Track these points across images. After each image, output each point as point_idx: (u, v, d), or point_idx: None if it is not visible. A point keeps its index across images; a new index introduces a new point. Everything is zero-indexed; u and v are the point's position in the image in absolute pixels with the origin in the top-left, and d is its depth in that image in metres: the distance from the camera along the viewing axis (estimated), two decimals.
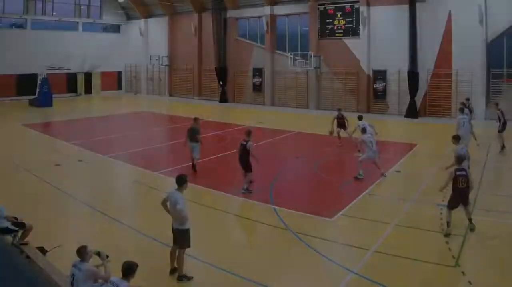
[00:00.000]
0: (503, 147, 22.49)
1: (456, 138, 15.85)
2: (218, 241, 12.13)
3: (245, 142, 16.12)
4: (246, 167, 16.19)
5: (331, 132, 24.06)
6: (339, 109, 25.65)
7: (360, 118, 22.00)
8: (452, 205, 12.30)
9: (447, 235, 11.93)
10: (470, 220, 12.33)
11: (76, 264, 7.87)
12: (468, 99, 28.35)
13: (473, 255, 11.09)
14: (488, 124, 29.12)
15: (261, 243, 12.39)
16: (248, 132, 16.57)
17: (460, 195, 12.22)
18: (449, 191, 12.73)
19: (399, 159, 21.42)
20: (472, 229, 12.17)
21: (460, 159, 12.89)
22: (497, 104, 25.10)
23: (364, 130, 18.91)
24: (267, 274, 10.04)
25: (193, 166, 18.94)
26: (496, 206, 14.11)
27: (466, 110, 23.05)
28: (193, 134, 18.89)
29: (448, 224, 12.14)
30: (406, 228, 12.67)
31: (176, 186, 10.04)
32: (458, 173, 12.23)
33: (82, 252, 7.98)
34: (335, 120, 24.88)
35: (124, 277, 7.45)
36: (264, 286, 9.50)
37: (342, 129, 24.84)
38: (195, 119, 19.74)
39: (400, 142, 26.37)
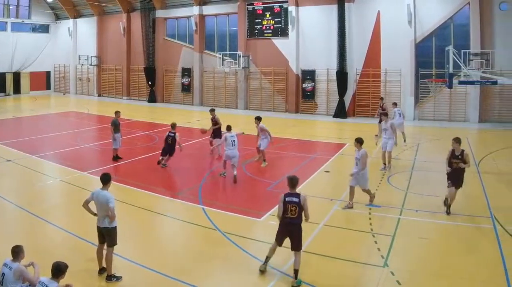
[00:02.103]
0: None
1: (360, 142, 13.23)
2: (146, 241, 11.09)
3: (173, 134, 17.65)
4: (171, 152, 17.67)
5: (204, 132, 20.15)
6: (212, 110, 20.94)
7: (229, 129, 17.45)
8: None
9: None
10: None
11: (7, 263, 7.25)
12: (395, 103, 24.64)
13: (402, 255, 10.05)
14: (417, 124, 28.71)
15: (190, 243, 11.12)
16: (173, 125, 18.29)
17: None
18: None
19: (328, 159, 19.69)
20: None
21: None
22: (382, 98, 26.32)
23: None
24: (196, 274, 9.22)
25: (116, 155, 18.94)
26: (424, 206, 13.06)
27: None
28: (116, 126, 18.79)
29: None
30: (335, 228, 11.67)
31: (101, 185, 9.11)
32: None
33: (16, 252, 7.32)
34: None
35: (54, 277, 6.79)
36: (193, 286, 8.68)
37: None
38: (116, 112, 19.49)
39: (329, 142, 24.23)
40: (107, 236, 8.80)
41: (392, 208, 12.98)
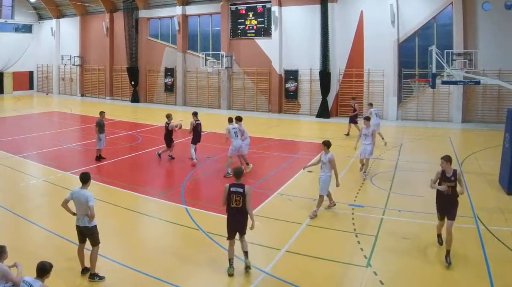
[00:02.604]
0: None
1: (327, 145, 12.26)
2: (129, 241, 10.71)
3: (167, 124, 17.97)
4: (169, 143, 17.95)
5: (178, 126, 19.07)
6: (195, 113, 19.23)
7: (230, 120, 16.95)
8: None
9: None
10: None
11: None
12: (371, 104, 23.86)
13: (385, 255, 9.70)
14: (400, 124, 28.04)
15: (173, 243, 10.72)
16: (168, 115, 18.53)
17: None
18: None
19: (311, 159, 17.91)
20: None
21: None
22: (353, 98, 26.18)
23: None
24: (180, 274, 8.89)
25: (99, 155, 18.42)
26: (407, 206, 12.67)
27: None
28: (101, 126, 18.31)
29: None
30: (318, 228, 11.26)
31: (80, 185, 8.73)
32: None
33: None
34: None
35: (39, 277, 6.56)
36: (176, 286, 8.33)
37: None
38: (101, 113, 18.86)
39: (312, 142, 23.06)
40: (88, 235, 8.57)
41: (375, 208, 12.61)
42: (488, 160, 18.21)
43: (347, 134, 24.14)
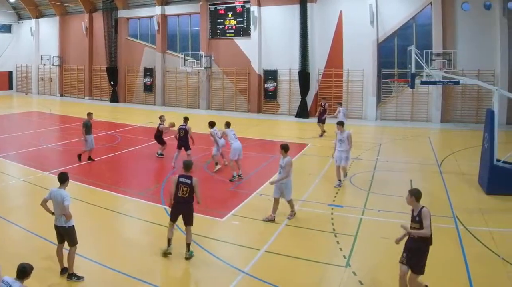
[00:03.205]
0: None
1: (285, 148, 11.33)
2: (108, 241, 10.13)
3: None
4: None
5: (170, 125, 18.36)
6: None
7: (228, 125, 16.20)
8: None
9: None
10: None
11: None
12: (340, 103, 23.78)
13: (364, 255, 9.30)
14: (379, 124, 27.42)
15: (152, 243, 10.00)
16: (161, 117, 18.61)
17: None
18: None
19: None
20: None
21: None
22: (324, 98, 26.02)
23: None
24: (159, 274, 8.64)
25: (89, 157, 17.66)
26: (386, 206, 12.25)
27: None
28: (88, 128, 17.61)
29: None
30: (297, 228, 10.88)
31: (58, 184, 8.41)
32: None
33: None
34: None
35: (19, 278, 6.25)
36: (154, 285, 8.03)
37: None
38: (88, 114, 18.27)
39: (291, 142, 21.31)
40: (65, 235, 8.31)
41: (354, 208, 12.24)
42: (467, 160, 17.61)
43: (321, 135, 23.34)
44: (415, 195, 7.29)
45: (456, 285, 8.11)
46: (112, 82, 40.83)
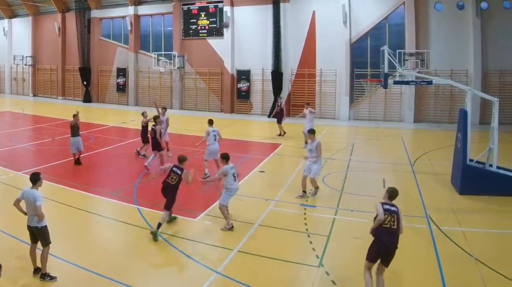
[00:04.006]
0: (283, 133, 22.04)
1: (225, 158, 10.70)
2: (81, 241, 9.66)
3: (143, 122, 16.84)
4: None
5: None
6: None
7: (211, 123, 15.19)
8: None
9: None
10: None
11: None
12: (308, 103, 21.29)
13: (337, 255, 8.94)
14: (352, 124, 26.23)
15: (125, 243, 9.64)
16: (143, 113, 17.55)
17: None
18: None
19: (263, 159, 17.65)
20: None
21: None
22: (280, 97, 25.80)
23: None
24: (132, 274, 8.21)
25: (77, 160, 16.50)
26: (359, 206, 11.72)
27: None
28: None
29: None
30: (270, 228, 10.30)
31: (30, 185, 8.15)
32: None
33: None
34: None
35: None
36: (127, 285, 7.68)
37: None
38: (74, 115, 17.13)
39: (264, 142, 21.42)
40: (38, 235, 8.03)
41: (327, 208, 11.76)
42: (440, 159, 16.89)
43: (281, 135, 22.05)
44: (389, 193, 7.48)
45: (429, 285, 7.80)
46: (85, 82, 38.66)
